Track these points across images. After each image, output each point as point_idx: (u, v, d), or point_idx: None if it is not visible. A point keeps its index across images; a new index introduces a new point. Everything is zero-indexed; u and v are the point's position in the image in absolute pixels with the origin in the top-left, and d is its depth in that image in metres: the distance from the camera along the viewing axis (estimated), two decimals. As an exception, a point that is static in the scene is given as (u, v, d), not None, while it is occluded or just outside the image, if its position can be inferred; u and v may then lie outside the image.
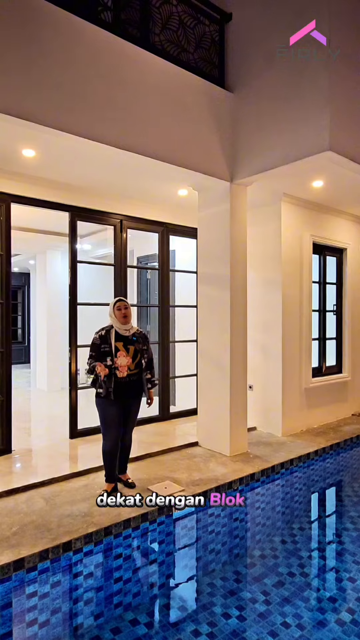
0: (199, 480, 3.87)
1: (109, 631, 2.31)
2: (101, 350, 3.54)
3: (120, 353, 3.52)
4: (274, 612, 2.43)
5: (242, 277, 4.66)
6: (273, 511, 3.83)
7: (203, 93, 4.26)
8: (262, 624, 2.34)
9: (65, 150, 3.90)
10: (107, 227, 5.71)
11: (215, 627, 2.31)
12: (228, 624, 2.34)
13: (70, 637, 2.30)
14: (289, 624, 2.35)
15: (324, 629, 2.33)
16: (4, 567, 2.54)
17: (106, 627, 2.34)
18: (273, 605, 2.50)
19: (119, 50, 3.63)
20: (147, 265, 7.40)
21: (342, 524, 3.58)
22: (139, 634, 2.30)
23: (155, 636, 2.29)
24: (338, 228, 6.21)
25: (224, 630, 2.29)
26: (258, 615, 2.41)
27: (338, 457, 4.97)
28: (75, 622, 2.46)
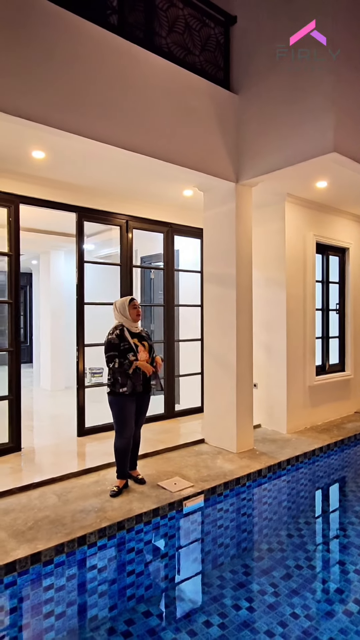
0: (207, 476, 3.93)
1: (122, 623, 2.37)
2: (121, 349, 3.59)
3: (140, 348, 3.61)
4: (283, 604, 2.49)
5: (247, 277, 4.73)
6: (279, 506, 3.90)
7: (208, 95, 4.32)
8: (271, 614, 2.41)
9: (73, 152, 3.96)
10: (111, 227, 5.77)
11: (226, 618, 2.37)
12: (238, 615, 2.41)
13: (86, 629, 2.36)
14: (298, 614, 2.41)
15: (332, 619, 2.39)
16: (21, 560, 2.60)
17: (120, 619, 2.40)
18: (282, 596, 2.56)
19: (126, 52, 3.69)
20: (150, 265, 7.46)
21: (347, 518, 3.65)
22: (152, 625, 2.36)
23: (168, 627, 2.35)
24: (340, 228, 6.28)
25: (234, 621, 2.35)
26: (267, 607, 2.47)
27: (342, 454, 5.04)
28: (90, 613, 2.52)
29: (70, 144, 3.62)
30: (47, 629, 2.36)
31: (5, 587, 2.55)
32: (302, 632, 2.27)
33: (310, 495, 4.16)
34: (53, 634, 2.33)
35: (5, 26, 3.01)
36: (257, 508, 3.83)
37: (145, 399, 3.76)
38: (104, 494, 3.53)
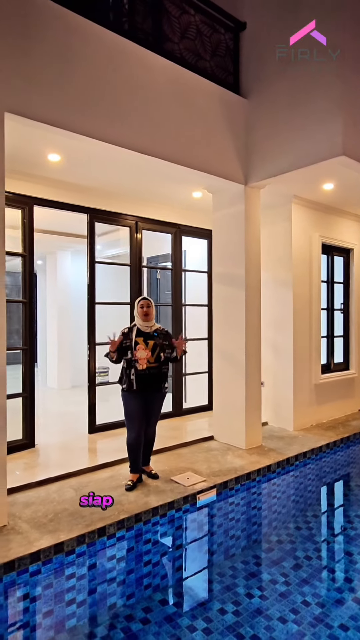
0: (218, 471, 4.04)
1: (140, 610, 2.47)
2: (123, 346, 3.73)
3: (140, 347, 3.70)
4: (294, 592, 2.59)
5: (256, 277, 4.83)
6: (288, 500, 4.01)
7: (219, 99, 4.43)
8: (283, 602, 2.50)
9: (88, 155, 4.06)
10: (118, 228, 5.88)
11: (239, 606, 2.47)
12: (251, 602, 2.51)
13: (105, 616, 2.45)
14: (309, 602, 2.51)
15: (342, 607, 2.49)
16: (45, 550, 2.71)
17: (137, 607, 2.50)
18: (292, 585, 2.66)
19: (140, 58, 3.79)
20: (157, 265, 7.57)
21: (354, 511, 3.75)
22: (169, 612, 2.46)
23: (185, 614, 2.44)
24: (345, 229, 6.39)
25: (248, 609, 2.45)
26: (279, 595, 2.57)
27: (348, 450, 5.15)
28: (110, 601, 2.62)
29: (86, 147, 3.71)
30: (69, 616, 2.46)
31: (31, 575, 2.65)
32: (314, 618, 2.37)
33: (317, 489, 4.27)
34: (75, 620, 2.43)
35: (23, 33, 3.11)
36: (266, 502, 3.94)
37: (154, 398, 3.83)
38: (119, 488, 3.63)
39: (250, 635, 2.24)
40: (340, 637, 2.23)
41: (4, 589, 2.54)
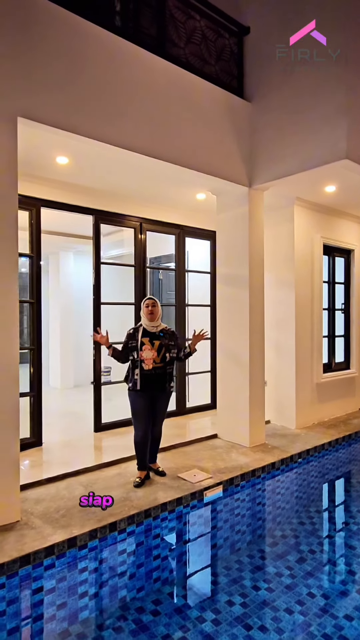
0: (224, 468, 4.12)
1: (150, 603, 2.54)
2: (129, 346, 3.80)
3: (146, 347, 3.77)
4: (300, 584, 2.67)
5: (259, 278, 4.91)
6: (292, 496, 4.09)
7: (224, 103, 4.50)
8: (289, 594, 2.58)
9: (95, 157, 4.12)
10: (122, 229, 5.95)
11: (247, 598, 2.55)
12: (258, 594, 2.59)
13: (117, 608, 2.52)
14: (314, 594, 2.60)
15: (346, 598, 2.57)
16: (59, 544, 2.78)
17: (147, 599, 2.57)
18: (298, 578, 2.74)
19: (149, 63, 3.86)
20: (159, 266, 7.64)
21: (356, 507, 3.84)
22: (178, 604, 2.54)
23: (194, 606, 2.52)
24: (346, 230, 6.48)
25: (255, 600, 2.53)
26: (285, 587, 2.65)
27: (350, 448, 5.24)
28: (120, 594, 2.69)
29: (95, 150, 3.76)
30: (82, 608, 2.53)
31: (45, 569, 2.73)
32: (319, 609, 2.45)
33: (320, 486, 4.36)
34: (87, 612, 2.50)
35: (33, 39, 3.17)
36: (271, 498, 4.02)
37: (160, 397, 3.90)
38: (127, 485, 3.71)
39: (258, 625, 2.31)
40: (345, 626, 2.31)
41: (19, 582, 2.61)
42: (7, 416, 3.06)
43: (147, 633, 2.27)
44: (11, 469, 3.08)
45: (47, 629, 2.33)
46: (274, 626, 2.31)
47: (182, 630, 2.29)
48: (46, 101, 3.22)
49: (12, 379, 3.07)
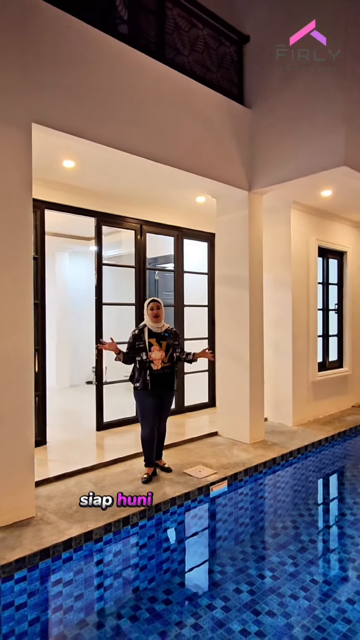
0: (227, 464, 4.25)
1: (161, 592, 2.65)
2: (136, 347, 3.90)
3: (154, 348, 3.88)
4: (302, 572, 2.82)
5: (259, 278, 5.06)
6: (292, 490, 4.25)
7: (224, 109, 4.63)
8: (293, 581, 2.72)
9: (100, 161, 4.22)
10: (120, 230, 6.03)
11: (253, 586, 2.68)
12: (264, 582, 2.72)
13: (130, 598, 2.63)
14: (317, 580, 2.75)
15: (347, 584, 2.73)
16: (76, 538, 2.88)
17: (159, 589, 2.69)
18: (300, 566, 2.88)
19: (153, 70, 3.97)
20: (156, 267, 7.74)
21: (353, 498, 4.01)
22: (188, 593, 2.67)
23: (203, 595, 2.64)
24: (339, 233, 6.68)
25: (261, 588, 2.66)
26: (289, 575, 2.79)
27: (345, 444, 5.43)
28: (134, 585, 2.80)
29: (101, 154, 3.85)
30: (98, 599, 2.64)
31: (64, 562, 2.82)
32: (323, 594, 2.60)
33: (319, 480, 4.53)
34: (102, 603, 2.60)
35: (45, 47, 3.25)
36: (273, 492, 4.17)
37: (167, 395, 4.02)
38: (135, 481, 3.82)
39: (266, 611, 2.45)
40: (348, 610, 2.45)
41: (39, 575, 2.70)
42: (23, 414, 3.14)
43: (161, 621, 2.39)
44: (27, 466, 3.16)
45: (66, 619, 2.42)
46: (280, 611, 2.44)
47: (194, 617, 2.41)
48: (58, 108, 3.31)
49: (28, 378, 3.15)
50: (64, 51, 3.35)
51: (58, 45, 3.31)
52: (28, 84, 3.14)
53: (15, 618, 2.41)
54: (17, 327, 3.09)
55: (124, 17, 3.83)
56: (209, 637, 2.25)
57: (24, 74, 3.11)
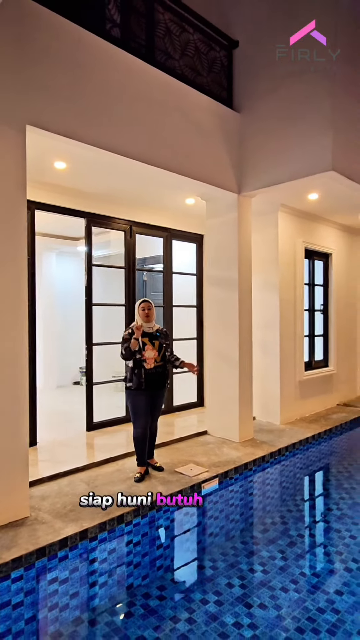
0: (218, 462, 4.32)
1: (155, 589, 2.71)
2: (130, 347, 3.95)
3: (148, 347, 3.94)
4: (292, 566, 2.91)
5: (248, 280, 5.15)
6: (281, 486, 4.37)
7: (214, 113, 4.70)
8: (283, 575, 2.81)
9: (92, 163, 4.24)
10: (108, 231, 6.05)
11: (245, 580, 2.76)
12: (255, 576, 2.81)
13: (125, 595, 2.68)
14: (306, 573, 2.85)
15: (335, 575, 2.83)
16: (72, 537, 2.90)
17: (152, 586, 2.74)
18: (290, 560, 2.98)
19: (145, 73, 4.01)
20: (144, 267, 7.77)
21: (339, 494, 4.13)
22: (182, 589, 2.73)
23: (196, 590, 2.71)
24: (325, 235, 6.83)
25: (252, 582, 2.75)
26: (279, 569, 2.88)
27: (331, 441, 5.57)
28: (128, 582, 2.85)
29: (93, 156, 3.86)
30: (92, 597, 2.68)
31: (59, 561, 2.84)
32: (312, 587, 2.70)
33: (307, 476, 4.65)
34: (98, 600, 2.64)
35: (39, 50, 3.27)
36: (262, 489, 4.27)
37: (159, 394, 4.08)
38: (128, 480, 3.85)
39: (258, 604, 2.52)
40: (336, 600, 2.55)
41: (36, 574, 2.72)
42: (18, 415, 3.15)
43: (156, 616, 2.44)
44: (21, 466, 3.17)
45: (62, 617, 2.45)
46: (272, 603, 2.52)
47: (188, 612, 2.47)
48: (52, 110, 3.32)
49: (23, 379, 3.16)
50: (58, 54, 3.37)
51: (52, 48, 3.33)
52: (23, 86, 3.15)
53: (12, 617, 2.44)
54: (13, 327, 3.10)
55: (117, 21, 3.86)
56: (203, 631, 2.31)
57: (19, 76, 3.12)
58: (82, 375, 9.30)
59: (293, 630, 2.31)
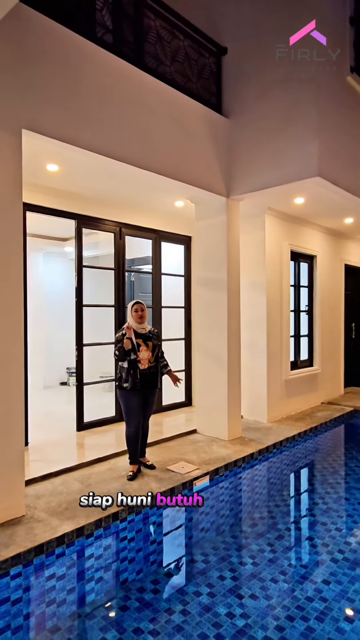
0: (208, 460, 4.42)
1: (149, 582, 2.79)
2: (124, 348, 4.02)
3: (142, 348, 4.02)
4: (280, 558, 3.03)
5: (236, 281, 5.27)
6: (268, 482, 4.49)
7: (204, 118, 4.81)
8: (272, 566, 2.92)
9: (84, 166, 4.29)
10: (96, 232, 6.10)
11: (235, 572, 2.87)
12: (245, 569, 2.91)
13: (120, 589, 2.74)
14: (294, 564, 2.98)
15: (322, 566, 2.96)
16: (69, 534, 2.96)
17: (146, 580, 2.82)
18: (278, 552, 3.10)
19: (138, 79, 4.09)
20: (131, 268, 7.83)
21: (324, 488, 4.27)
22: (176, 582, 2.82)
23: (189, 583, 2.80)
24: (310, 237, 7.01)
25: (243, 574, 2.85)
26: (268, 561, 2.99)
27: (316, 438, 5.73)
28: (122, 577, 2.92)
29: (85, 159, 3.91)
30: (89, 592, 2.74)
31: (57, 557, 2.90)
32: (300, 577, 2.82)
33: (294, 472, 4.79)
34: (94, 595, 2.71)
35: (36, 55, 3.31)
36: (251, 485, 4.39)
37: (151, 394, 4.18)
38: (121, 479, 3.92)
39: (249, 594, 2.63)
40: (324, 589, 2.67)
41: (34, 570, 2.77)
42: (14, 415, 3.19)
43: (151, 609, 2.52)
44: (17, 465, 3.21)
45: (60, 612, 2.51)
46: (262, 594, 2.63)
47: (182, 604, 2.56)
48: (47, 114, 3.37)
49: (19, 379, 3.21)
50: (53, 59, 3.42)
51: (46, 52, 3.37)
52: (17, 90, 3.19)
53: (11, 613, 2.48)
54: (10, 328, 3.15)
55: (109, 26, 3.93)
56: (197, 621, 2.40)
57: (15, 80, 3.16)
58: (69, 375, 9.29)
59: (283, 618, 2.41)
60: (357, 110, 5.16)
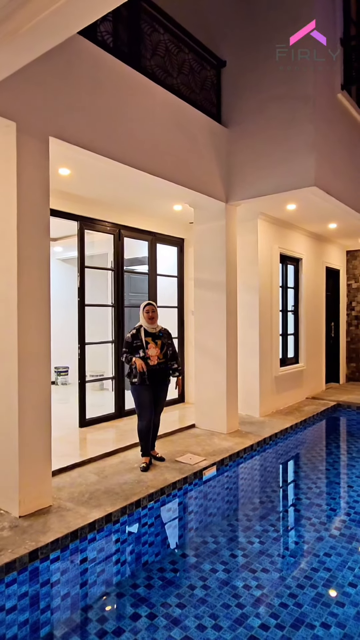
0: (212, 451, 4.69)
1: (168, 563, 3.03)
2: (134, 345, 4.23)
3: (151, 345, 4.24)
4: (284, 536, 3.36)
5: (234, 283, 5.56)
6: (266, 471, 4.82)
7: (207, 127, 5.06)
8: (277, 544, 3.23)
9: (94, 170, 4.45)
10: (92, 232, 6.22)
11: (245, 550, 3.15)
12: (253, 547, 3.19)
13: (142, 570, 2.95)
14: (297, 541, 3.30)
15: (322, 542, 3.27)
16: (99, 520, 3.15)
17: (164, 562, 3.06)
18: (281, 532, 3.42)
19: (149, 90, 4.29)
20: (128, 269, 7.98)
21: (316, 474, 4.63)
22: (191, 562, 3.07)
23: (204, 561, 3.04)
24: (296, 241, 7.39)
25: (252, 552, 3.13)
26: (273, 539, 3.29)
27: (306, 430, 6.11)
28: (144, 559, 3.14)
29: (96, 164, 4.07)
30: (115, 573, 2.95)
31: (89, 542, 3.09)
32: (304, 552, 3.14)
33: (289, 461, 5.14)
34: (119, 577, 2.92)
35: (62, 68, 3.47)
36: (253, 473, 4.71)
37: (162, 388, 4.40)
38: (134, 470, 4.13)
39: (261, 569, 2.90)
40: (327, 561, 2.99)
41: (70, 554, 2.95)
42: (41, 407, 3.34)
43: (174, 586, 2.75)
44: (45, 457, 3.36)
45: (91, 592, 2.70)
46: (272, 568, 2.91)
47: (202, 580, 2.80)
48: (72, 123, 3.53)
49: (47, 374, 3.36)
50: (78, 71, 3.58)
51: (73, 65, 3.53)
52: (47, 100, 3.34)
53: (51, 594, 2.66)
54: (41, 325, 3.30)
55: (125, 40, 4.12)
56: (217, 594, 2.65)
57: (46, 92, 3.31)
58: (57, 375, 9.35)
59: (295, 587, 2.70)
60: (346, 123, 5.56)
